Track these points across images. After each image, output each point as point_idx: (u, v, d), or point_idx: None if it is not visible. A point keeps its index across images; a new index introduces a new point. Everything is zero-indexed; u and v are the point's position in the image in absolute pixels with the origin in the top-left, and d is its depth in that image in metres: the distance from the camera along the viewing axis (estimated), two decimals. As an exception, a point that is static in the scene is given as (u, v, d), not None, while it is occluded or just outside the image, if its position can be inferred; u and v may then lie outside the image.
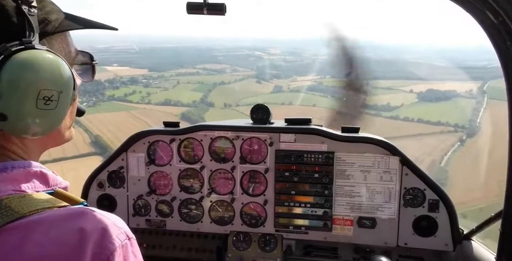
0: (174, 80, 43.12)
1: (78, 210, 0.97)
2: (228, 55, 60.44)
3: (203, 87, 42.20)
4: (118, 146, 3.14)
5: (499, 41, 1.41)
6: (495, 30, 1.39)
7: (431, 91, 37.15)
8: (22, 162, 1.02)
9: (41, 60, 0.95)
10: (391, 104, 34.68)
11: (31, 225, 0.89)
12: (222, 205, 3.05)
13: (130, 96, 36.21)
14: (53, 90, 0.97)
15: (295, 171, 2.88)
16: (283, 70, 52.76)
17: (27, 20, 0.97)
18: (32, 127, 0.97)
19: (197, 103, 37.53)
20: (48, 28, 1.05)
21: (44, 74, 0.95)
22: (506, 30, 1.34)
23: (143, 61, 46.65)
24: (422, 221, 2.76)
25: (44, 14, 1.04)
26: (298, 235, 2.93)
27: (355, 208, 2.85)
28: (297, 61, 56.15)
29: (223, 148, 2.99)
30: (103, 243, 0.91)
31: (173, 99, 36.14)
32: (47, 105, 0.97)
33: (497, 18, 1.34)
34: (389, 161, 2.75)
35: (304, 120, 2.92)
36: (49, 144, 1.16)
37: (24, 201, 0.92)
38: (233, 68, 52.50)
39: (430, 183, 2.75)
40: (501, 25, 1.35)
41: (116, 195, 3.14)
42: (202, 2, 1.57)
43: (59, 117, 1.03)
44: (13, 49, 0.93)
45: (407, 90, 38.56)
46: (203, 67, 50.91)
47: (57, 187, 1.07)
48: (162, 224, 3.11)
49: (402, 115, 31.91)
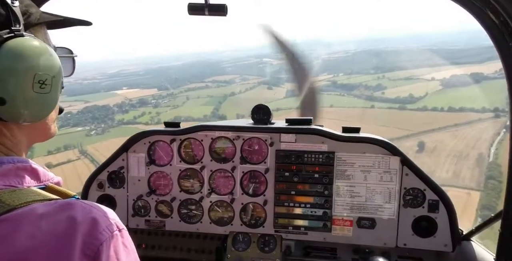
0: (184, 96, 41.55)
1: (68, 201, 0.98)
2: (236, 65, 59.47)
3: (214, 100, 40.53)
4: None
5: (501, 41, 1.45)
6: (497, 30, 1.44)
7: (455, 76, 34.42)
8: (12, 157, 1.03)
9: (33, 46, 1.00)
10: (414, 95, 32.13)
11: (22, 216, 0.90)
12: (222, 206, 3.03)
13: (139, 118, 34.61)
14: (47, 74, 1.01)
15: (295, 171, 2.87)
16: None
17: (11, 11, 1.00)
18: (27, 111, 1.00)
19: (208, 117, 35.64)
20: (31, 19, 1.09)
21: (38, 59, 0.99)
22: (507, 30, 1.38)
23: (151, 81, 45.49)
24: (421, 222, 2.72)
25: (25, 7, 1.07)
26: (298, 236, 2.92)
27: (355, 208, 2.81)
28: (307, 63, 54.42)
29: (223, 148, 3.00)
30: (93, 233, 0.92)
31: (183, 116, 34.29)
32: (43, 88, 1.00)
33: (498, 18, 1.36)
34: (389, 161, 2.72)
35: (305, 120, 2.90)
36: (36, 137, 1.17)
37: (15, 195, 0.93)
38: (242, 77, 51.34)
39: (430, 184, 2.70)
40: (502, 25, 1.38)
41: (116, 196, 3.11)
42: (204, 3, 1.57)
43: (52, 102, 1.07)
44: (5, 36, 0.97)
45: (429, 78, 35.92)
46: (212, 80, 49.66)
47: (48, 182, 1.08)
48: (162, 225, 3.09)
49: (430, 105, 28.96)
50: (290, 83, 29.32)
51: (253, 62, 59.93)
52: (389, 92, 34.83)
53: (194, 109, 36.21)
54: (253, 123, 2.98)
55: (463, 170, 16.62)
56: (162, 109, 37.35)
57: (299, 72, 6.06)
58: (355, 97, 35.66)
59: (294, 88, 6.47)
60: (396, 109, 29.70)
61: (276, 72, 53.37)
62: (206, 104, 38.81)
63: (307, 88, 5.50)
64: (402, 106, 29.57)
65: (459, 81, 32.73)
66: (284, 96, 43.96)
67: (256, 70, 53.55)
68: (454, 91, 31.38)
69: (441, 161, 17.53)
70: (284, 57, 6.39)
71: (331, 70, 49.18)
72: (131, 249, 1.00)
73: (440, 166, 16.63)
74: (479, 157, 17.48)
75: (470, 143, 19.45)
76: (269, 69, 57.32)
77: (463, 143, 19.23)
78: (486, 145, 18.76)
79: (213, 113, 36.25)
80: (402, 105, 29.79)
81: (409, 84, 36.01)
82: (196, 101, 40.14)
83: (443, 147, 19.64)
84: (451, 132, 21.93)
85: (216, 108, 37.59)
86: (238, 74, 52.14)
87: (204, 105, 38.51)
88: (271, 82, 47.41)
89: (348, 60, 51.71)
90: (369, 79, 39.50)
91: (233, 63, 61.09)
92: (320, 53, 61.80)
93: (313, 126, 2.87)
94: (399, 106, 29.99)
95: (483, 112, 23.91)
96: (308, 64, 6.22)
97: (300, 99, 5.67)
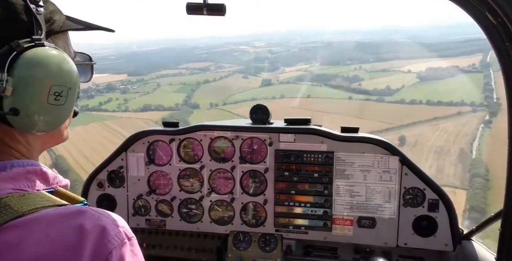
0: (154, 83, 39.16)
1: (77, 208, 0.96)
2: (211, 52, 57.71)
3: (186, 87, 38.42)
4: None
5: (498, 41, 1.42)
6: (494, 30, 1.41)
7: (431, 69, 34.01)
8: (22, 160, 1.01)
9: (51, 57, 0.98)
10: (391, 87, 31.35)
11: (31, 223, 0.88)
12: (222, 205, 3.01)
13: (105, 105, 32.17)
14: (63, 86, 0.99)
15: (294, 170, 2.86)
16: (270, 62, 50.12)
17: (35, 18, 0.98)
18: (41, 122, 0.99)
19: (180, 105, 33.60)
20: (54, 27, 1.07)
21: (55, 70, 0.98)
22: (505, 31, 1.36)
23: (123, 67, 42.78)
24: (422, 221, 2.69)
25: (49, 14, 1.06)
26: (298, 235, 2.91)
27: (355, 208, 2.81)
28: (284, 52, 53.77)
29: (222, 148, 2.97)
30: (102, 242, 0.90)
31: (154, 104, 32.17)
32: (57, 100, 0.99)
33: (496, 19, 1.35)
34: (388, 160, 2.72)
35: (304, 120, 2.87)
36: (49, 142, 1.15)
37: (23, 200, 0.91)
38: (217, 65, 49.75)
39: (429, 183, 2.67)
40: (500, 26, 1.36)
41: (116, 195, 3.09)
42: (202, 3, 1.56)
43: (66, 113, 1.05)
44: (25, 46, 0.94)
45: (405, 70, 35.35)
46: (186, 67, 47.49)
47: (57, 185, 1.06)
48: (162, 224, 3.08)
49: (408, 98, 28.15)
50: (266, 73, 27.46)
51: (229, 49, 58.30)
52: (366, 83, 34.03)
53: (165, 97, 34.01)
54: (252, 123, 2.94)
55: (445, 166, 15.78)
56: (130, 96, 34.91)
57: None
58: (332, 88, 34.61)
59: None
60: (374, 101, 28.76)
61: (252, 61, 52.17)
62: (178, 92, 36.66)
63: None
64: (380, 98, 28.65)
65: (436, 74, 32.33)
66: (260, 85, 42.77)
67: (232, 58, 52.00)
68: (431, 84, 30.80)
69: (423, 156, 16.65)
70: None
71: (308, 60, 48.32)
72: (140, 257, 0.99)
73: (422, 162, 15.73)
74: (461, 152, 16.68)
75: (450, 138, 18.65)
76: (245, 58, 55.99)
77: (442, 138, 18.39)
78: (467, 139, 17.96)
79: (185, 101, 34.23)
80: (380, 97, 28.88)
81: (386, 76, 35.39)
82: (168, 88, 37.90)
83: (424, 142, 18.76)
84: (431, 126, 21.09)
85: (188, 96, 35.58)
86: (213, 61, 50.53)
87: (176, 93, 36.35)
88: (246, 71, 46.06)
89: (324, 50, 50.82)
90: (346, 70, 38.73)
91: (208, 50, 59.26)
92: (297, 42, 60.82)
93: (311, 126, 2.83)
94: (377, 98, 29.06)
95: (461, 106, 23.23)
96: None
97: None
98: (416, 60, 36.12)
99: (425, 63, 34.94)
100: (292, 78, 41.36)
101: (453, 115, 22.17)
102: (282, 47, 55.15)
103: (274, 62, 48.53)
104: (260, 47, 58.85)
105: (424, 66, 34.68)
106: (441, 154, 16.72)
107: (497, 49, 1.42)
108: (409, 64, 35.51)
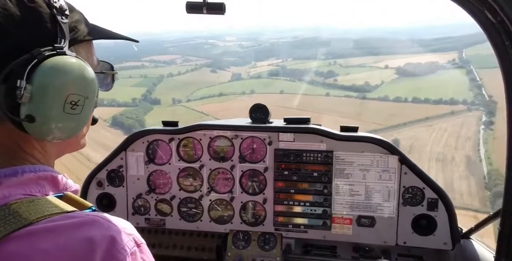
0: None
1: (87, 217, 0.93)
2: (179, 45, 53.40)
3: (147, 81, 33.81)
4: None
5: (498, 40, 1.40)
6: (494, 29, 1.39)
7: (410, 65, 31.30)
8: (34, 166, 1.00)
9: (71, 66, 0.97)
10: (370, 83, 28.31)
11: (39, 232, 0.86)
12: (222, 204, 2.96)
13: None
14: (80, 95, 0.98)
15: (294, 170, 2.80)
16: (241, 57, 46.26)
17: (60, 27, 0.98)
18: (56, 130, 0.98)
19: (138, 101, 28.95)
20: (77, 36, 1.05)
21: (73, 80, 0.97)
22: (504, 29, 1.34)
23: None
24: (421, 220, 2.63)
25: (74, 23, 1.05)
26: (298, 234, 2.86)
27: (354, 206, 2.76)
28: (255, 46, 50.44)
29: (222, 147, 2.91)
30: (112, 252, 0.88)
31: (106, 98, 27.36)
32: (73, 109, 0.98)
33: (495, 18, 1.33)
34: (387, 160, 2.66)
35: (303, 120, 2.81)
36: (66, 150, 1.15)
37: (32, 206, 0.90)
38: (184, 58, 45.49)
39: (429, 182, 2.60)
40: (499, 25, 1.34)
41: (116, 194, 3.02)
42: (202, 2, 1.55)
43: (82, 122, 1.04)
44: (46, 54, 0.93)
45: (382, 66, 32.50)
46: (150, 59, 42.65)
47: (67, 190, 1.04)
48: (162, 223, 3.02)
49: (391, 94, 24.96)
50: (236, 67, 22.73)
51: (198, 43, 54.22)
52: (342, 79, 30.73)
53: (121, 91, 29.17)
54: (251, 122, 2.84)
55: (455, 180, 12.52)
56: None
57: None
58: (307, 83, 31.04)
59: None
60: (355, 98, 25.33)
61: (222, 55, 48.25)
62: (137, 85, 31.94)
63: None
64: (361, 95, 25.31)
65: (415, 69, 29.61)
66: (229, 80, 38.89)
67: (200, 52, 48.11)
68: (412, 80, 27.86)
69: (425, 165, 13.38)
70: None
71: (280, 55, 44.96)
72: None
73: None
74: (468, 161, 13.49)
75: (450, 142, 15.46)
76: (214, 51, 52.02)
77: (442, 142, 15.29)
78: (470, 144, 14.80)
79: (144, 96, 29.64)
80: (361, 94, 25.54)
81: (362, 72, 32.32)
82: (126, 81, 33.02)
83: (421, 147, 15.47)
84: (425, 127, 17.90)
85: (149, 91, 31.00)
86: (180, 54, 46.23)
87: (134, 87, 31.62)
88: (215, 65, 42.13)
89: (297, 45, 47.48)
90: (320, 65, 35.58)
91: (177, 43, 54.96)
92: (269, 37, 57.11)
93: (311, 125, 2.71)
94: (357, 94, 25.70)
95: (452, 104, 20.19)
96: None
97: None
98: (393, 56, 33.47)
99: (403, 59, 32.21)
100: (264, 73, 37.78)
101: (446, 114, 19.18)
102: (253, 42, 51.79)
103: (244, 56, 45.06)
104: (230, 41, 55.21)
105: (402, 62, 31.86)
106: (445, 163, 13.49)
107: (496, 48, 1.41)
108: (386, 60, 32.83)
